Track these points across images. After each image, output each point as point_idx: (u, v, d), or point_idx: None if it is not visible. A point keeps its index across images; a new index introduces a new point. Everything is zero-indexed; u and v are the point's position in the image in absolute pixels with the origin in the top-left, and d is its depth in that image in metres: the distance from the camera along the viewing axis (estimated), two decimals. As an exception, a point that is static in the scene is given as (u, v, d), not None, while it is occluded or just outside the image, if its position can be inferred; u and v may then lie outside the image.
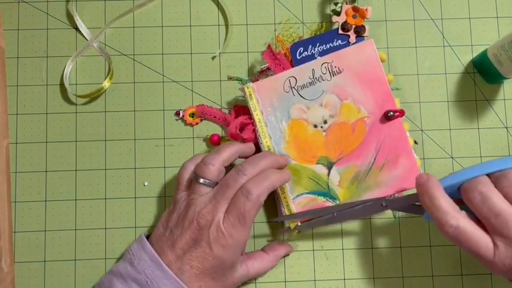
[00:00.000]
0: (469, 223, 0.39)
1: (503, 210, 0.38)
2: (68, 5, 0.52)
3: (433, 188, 0.41)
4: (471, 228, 0.39)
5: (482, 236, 0.39)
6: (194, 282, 0.42)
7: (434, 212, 0.40)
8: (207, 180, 0.44)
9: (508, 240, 0.38)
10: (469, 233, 0.39)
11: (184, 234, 0.43)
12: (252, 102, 0.48)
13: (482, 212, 0.39)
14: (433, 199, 0.40)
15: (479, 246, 0.39)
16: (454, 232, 0.39)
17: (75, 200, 0.50)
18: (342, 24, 0.49)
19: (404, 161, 0.48)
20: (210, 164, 0.44)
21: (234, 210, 0.42)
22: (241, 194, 0.42)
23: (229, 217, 0.42)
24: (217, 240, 0.42)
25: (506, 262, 0.38)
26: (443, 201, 0.40)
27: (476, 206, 0.39)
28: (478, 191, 0.39)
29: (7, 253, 0.48)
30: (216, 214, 0.42)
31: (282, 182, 0.45)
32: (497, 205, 0.38)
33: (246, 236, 0.43)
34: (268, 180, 0.43)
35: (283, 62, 0.49)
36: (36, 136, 0.51)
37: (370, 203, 0.46)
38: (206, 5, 0.53)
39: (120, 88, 0.52)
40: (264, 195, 0.42)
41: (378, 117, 0.48)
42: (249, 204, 0.42)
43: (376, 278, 0.50)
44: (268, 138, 0.48)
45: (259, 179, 0.43)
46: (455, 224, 0.39)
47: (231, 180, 0.43)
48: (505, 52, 0.47)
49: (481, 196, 0.39)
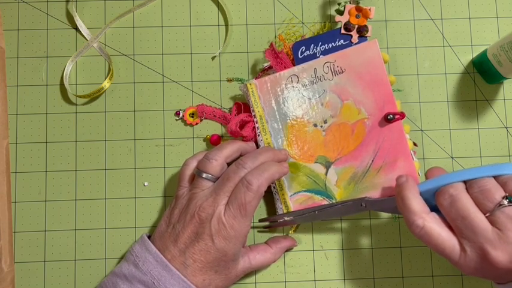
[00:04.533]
0: (436, 224, 0.40)
1: (470, 213, 0.39)
2: (68, 5, 0.52)
3: (407, 189, 0.42)
4: (438, 229, 0.40)
5: (449, 238, 0.40)
6: (198, 276, 0.43)
7: (405, 212, 0.41)
8: (209, 175, 0.44)
9: (473, 244, 0.39)
10: (435, 234, 0.40)
11: (186, 228, 0.43)
12: (254, 99, 0.48)
13: (450, 214, 0.40)
14: (404, 199, 0.41)
15: (444, 247, 0.40)
16: (420, 232, 0.40)
17: (75, 200, 0.50)
18: (344, 24, 0.49)
19: (402, 164, 0.47)
20: (212, 159, 0.45)
21: (235, 201, 0.42)
22: (241, 185, 0.43)
23: (231, 208, 0.42)
24: (219, 232, 0.42)
25: (471, 264, 0.39)
26: (414, 202, 0.41)
27: (445, 208, 0.40)
28: (448, 194, 0.40)
29: (7, 253, 0.48)
30: (217, 207, 0.43)
31: (280, 174, 0.45)
32: (464, 208, 0.39)
33: (247, 227, 0.43)
34: (267, 171, 0.43)
35: (285, 60, 0.49)
36: (36, 136, 0.51)
37: (350, 203, 0.46)
38: (206, 5, 0.53)
39: (120, 88, 0.52)
40: (264, 186, 0.43)
41: (378, 119, 0.48)
42: (250, 194, 0.42)
43: (376, 278, 0.50)
44: (268, 135, 0.48)
45: (259, 171, 0.43)
46: (421, 225, 0.40)
47: (231, 173, 0.44)
48: (505, 52, 0.47)
49: (451, 199, 0.40)
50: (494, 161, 0.52)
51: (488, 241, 0.38)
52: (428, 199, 0.42)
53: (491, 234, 0.38)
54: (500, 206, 0.38)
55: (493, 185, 0.39)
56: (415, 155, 0.49)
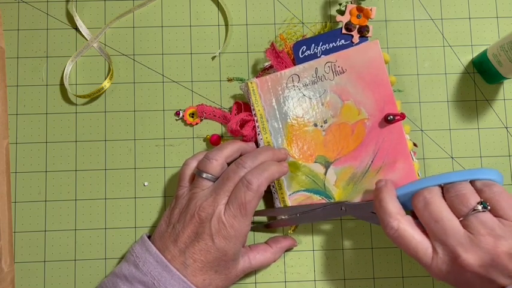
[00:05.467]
0: (410, 227, 0.40)
1: (444, 217, 0.39)
2: (68, 5, 0.52)
3: (385, 191, 0.42)
4: (411, 231, 0.40)
5: (422, 240, 0.40)
6: (198, 276, 0.43)
7: (381, 213, 0.42)
8: (209, 175, 0.45)
9: (445, 247, 0.39)
10: (409, 236, 0.40)
11: (186, 228, 0.43)
12: (255, 98, 0.49)
13: (424, 217, 0.40)
14: (381, 201, 0.42)
15: (417, 250, 0.40)
16: (394, 234, 0.40)
17: (75, 200, 0.50)
18: (345, 24, 0.49)
19: (402, 166, 0.47)
20: (213, 159, 0.45)
21: (235, 201, 0.42)
22: (241, 184, 0.43)
23: (231, 208, 0.42)
24: (219, 232, 0.42)
25: (443, 268, 0.39)
26: (390, 204, 0.41)
27: (419, 211, 0.41)
28: (422, 196, 0.41)
29: (7, 253, 0.48)
30: (217, 206, 0.43)
31: (280, 173, 0.45)
32: (437, 211, 0.39)
33: (247, 226, 0.44)
34: (267, 171, 0.44)
35: (285, 60, 0.49)
36: (36, 136, 0.51)
37: (330, 207, 0.47)
38: (206, 5, 0.53)
39: (120, 88, 0.52)
40: (264, 186, 0.43)
41: (378, 120, 0.48)
42: (250, 194, 0.42)
43: (376, 278, 0.50)
44: (268, 134, 0.48)
45: (259, 170, 0.43)
46: (395, 226, 0.40)
47: (231, 173, 0.44)
48: (505, 52, 0.47)
49: (424, 202, 0.40)
50: (495, 161, 0.52)
51: (460, 244, 0.38)
52: (406, 203, 0.42)
53: (463, 237, 0.38)
54: (474, 211, 0.38)
55: (469, 190, 0.40)
56: (415, 156, 0.49)
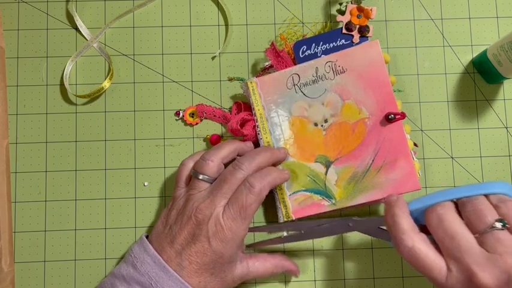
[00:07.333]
0: (424, 245, 0.39)
1: (459, 234, 0.37)
2: (68, 5, 0.52)
3: (397, 207, 0.41)
4: (426, 250, 0.38)
5: (437, 259, 0.38)
6: (194, 277, 0.43)
7: (393, 230, 0.40)
8: (206, 176, 0.44)
9: (460, 264, 0.37)
10: (423, 255, 0.38)
11: (183, 230, 0.43)
12: (255, 97, 0.48)
13: (438, 234, 0.39)
14: (394, 217, 0.40)
15: (432, 269, 0.38)
16: (409, 253, 0.39)
17: (75, 200, 0.50)
18: (346, 24, 0.49)
19: (403, 164, 0.47)
20: (209, 160, 0.45)
21: (235, 203, 0.42)
22: (243, 187, 0.43)
23: (230, 210, 0.42)
24: (216, 234, 0.42)
25: (458, 287, 0.37)
26: (403, 221, 0.40)
27: (433, 228, 0.39)
28: (436, 213, 0.39)
29: (7, 253, 0.48)
30: (214, 208, 0.43)
31: (282, 180, 0.46)
32: (452, 228, 0.38)
33: (245, 230, 0.43)
34: (270, 176, 0.44)
35: (286, 59, 0.49)
36: (36, 136, 0.51)
37: (336, 223, 0.46)
38: (206, 5, 0.53)
39: (120, 88, 0.52)
40: (266, 190, 0.43)
41: (379, 119, 0.48)
42: (252, 197, 0.42)
43: (376, 278, 0.50)
44: (268, 134, 0.48)
45: (262, 174, 0.43)
46: (409, 245, 0.39)
47: (228, 174, 0.44)
48: (505, 52, 0.47)
49: (438, 218, 0.39)
50: (495, 160, 0.52)
51: (476, 262, 0.36)
52: (418, 218, 0.41)
53: (479, 255, 0.36)
54: (493, 228, 0.37)
55: (486, 205, 0.38)
56: (415, 155, 0.49)
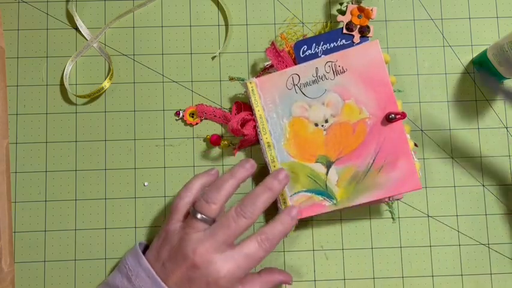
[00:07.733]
0: None
1: None
2: (68, 5, 0.52)
3: None
4: None
5: None
6: None
7: None
8: (205, 217, 0.43)
9: None
10: None
11: (178, 270, 0.42)
12: (254, 98, 0.48)
13: None
14: None
15: None
16: None
17: (75, 200, 0.50)
18: (346, 24, 0.49)
19: (403, 164, 0.47)
20: (212, 203, 0.43)
21: (244, 254, 0.42)
22: (256, 241, 0.43)
23: (236, 259, 0.42)
24: (217, 282, 0.41)
25: None
26: None
27: None
28: None
29: (7, 253, 0.48)
30: (215, 254, 0.42)
31: (291, 227, 0.45)
32: None
33: (245, 274, 0.43)
34: (283, 226, 0.44)
35: (286, 59, 0.49)
36: (36, 136, 0.51)
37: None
38: (206, 5, 0.53)
39: (120, 88, 0.52)
40: (278, 243, 0.44)
41: (379, 119, 0.48)
42: (264, 254, 0.43)
43: (376, 278, 0.50)
44: (268, 135, 0.48)
45: (276, 231, 0.43)
46: None
47: (231, 221, 0.42)
48: (505, 52, 0.47)
49: None
50: (494, 161, 0.52)
51: None
52: None
53: None
54: None
55: None
56: (415, 155, 0.49)
